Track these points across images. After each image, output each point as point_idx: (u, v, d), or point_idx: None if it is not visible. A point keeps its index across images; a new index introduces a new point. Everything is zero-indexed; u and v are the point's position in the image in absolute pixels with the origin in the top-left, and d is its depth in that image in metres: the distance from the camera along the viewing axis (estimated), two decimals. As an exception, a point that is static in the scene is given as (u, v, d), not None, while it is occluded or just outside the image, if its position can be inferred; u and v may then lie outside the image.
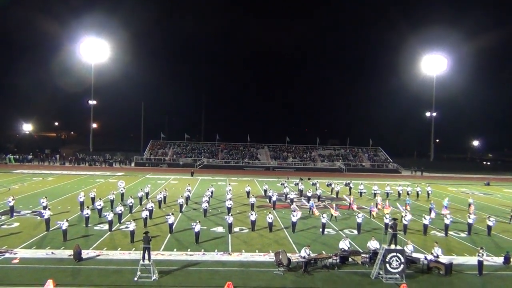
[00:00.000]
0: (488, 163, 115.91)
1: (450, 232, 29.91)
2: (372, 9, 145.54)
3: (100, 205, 32.47)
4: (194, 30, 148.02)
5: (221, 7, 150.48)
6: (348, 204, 39.15)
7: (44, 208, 30.42)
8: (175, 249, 24.34)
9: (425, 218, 29.91)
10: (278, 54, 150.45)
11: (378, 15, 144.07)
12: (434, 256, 21.96)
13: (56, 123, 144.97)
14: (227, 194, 39.49)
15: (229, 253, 23.89)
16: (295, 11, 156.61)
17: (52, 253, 22.95)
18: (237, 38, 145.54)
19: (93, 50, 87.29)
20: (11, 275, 19.66)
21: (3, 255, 22.39)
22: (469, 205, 38.69)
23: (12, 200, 32.13)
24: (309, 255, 21.77)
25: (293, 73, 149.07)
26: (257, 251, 24.49)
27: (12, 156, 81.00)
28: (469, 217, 30.87)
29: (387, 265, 20.08)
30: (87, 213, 29.39)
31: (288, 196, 42.38)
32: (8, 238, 25.69)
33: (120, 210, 30.61)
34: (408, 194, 46.25)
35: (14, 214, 31.65)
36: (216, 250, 24.28)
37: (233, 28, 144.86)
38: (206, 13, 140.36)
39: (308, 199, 41.26)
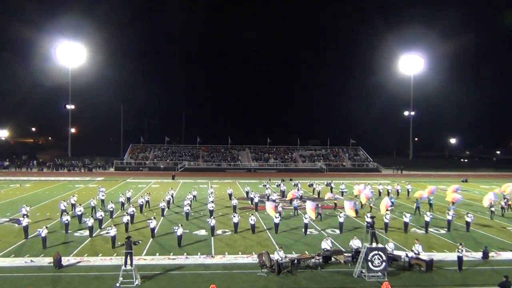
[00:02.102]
0: (465, 160, 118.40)
1: (430, 229, 30.35)
2: (349, 9, 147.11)
3: (80, 211, 31.98)
4: (172, 31, 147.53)
5: (198, 6, 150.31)
6: (334, 204, 39.32)
7: (24, 216, 29.79)
8: (157, 254, 24.13)
9: (405, 216, 30.28)
10: (258, 55, 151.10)
11: (356, 15, 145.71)
12: (415, 253, 22.25)
13: (33, 129, 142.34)
14: (209, 196, 39.33)
15: (212, 256, 23.80)
16: (272, 12, 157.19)
17: (31, 261, 22.49)
18: (216, 39, 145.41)
19: (69, 54, 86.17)
20: (-11, 284, 19.21)
21: (-20, 264, 21.86)
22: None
23: None
24: (285, 257, 21.76)
25: (273, 74, 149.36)
26: (240, 253, 24.45)
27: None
28: (448, 213, 31.40)
29: (369, 263, 20.26)
30: (67, 220, 28.91)
31: (270, 197, 42.40)
32: (-15, 247, 25.11)
33: (101, 216, 30.21)
34: (388, 192, 46.83)
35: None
36: (199, 253, 24.16)
37: (211, 28, 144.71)
38: (184, 14, 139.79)
39: (290, 200, 41.40)
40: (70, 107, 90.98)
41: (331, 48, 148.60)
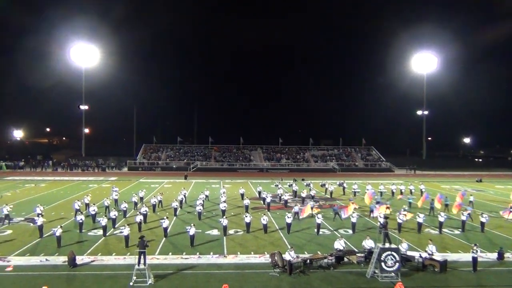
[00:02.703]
0: (480, 160, 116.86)
1: (444, 230, 30.07)
2: (362, 7, 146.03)
3: (94, 210, 32.31)
4: (185, 32, 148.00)
5: (211, 8, 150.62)
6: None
7: (39, 215, 30.19)
8: (170, 253, 24.27)
9: (419, 216, 30.04)
10: (270, 54, 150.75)
11: (368, 13, 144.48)
12: (429, 254, 22.07)
13: (48, 129, 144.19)
14: (221, 196, 39.42)
15: (224, 256, 23.86)
16: (285, 10, 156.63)
17: (46, 260, 22.79)
18: (228, 39, 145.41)
19: (83, 55, 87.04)
20: (5, 283, 19.49)
21: (-3, 263, 22.21)
22: (470, 202, 39.13)
23: (9, 208, 31.96)
24: (297, 257, 21.73)
25: (285, 74, 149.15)
26: (252, 253, 24.47)
27: (3, 163, 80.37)
28: (462, 214, 31.05)
29: (382, 263, 20.14)
30: (81, 219, 29.23)
31: (282, 197, 42.38)
32: (1, 245, 25.48)
33: (114, 215, 30.50)
34: (401, 192, 46.52)
35: (6, 221, 31.35)
36: (211, 253, 24.24)
37: (223, 29, 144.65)
38: (196, 15, 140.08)
39: (303, 200, 41.36)
40: (83, 107, 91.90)
41: (344, 47, 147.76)
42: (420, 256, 22.23)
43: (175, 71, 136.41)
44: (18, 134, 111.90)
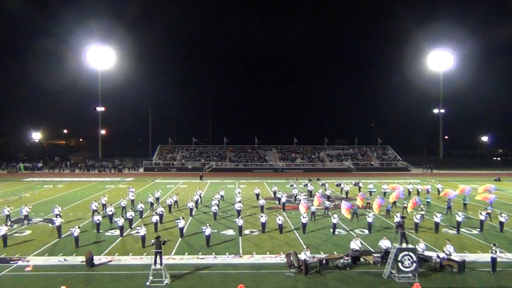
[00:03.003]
0: (498, 158, 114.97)
1: (462, 230, 29.68)
2: (377, 5, 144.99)
3: (111, 211, 32.67)
4: (199, 33, 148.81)
5: (226, 9, 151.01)
6: (367, 204, 38.62)
7: (57, 216, 30.66)
8: (186, 253, 24.40)
9: (436, 216, 29.69)
10: (283, 54, 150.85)
11: (384, 11, 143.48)
12: (447, 254, 21.79)
13: (65, 131, 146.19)
14: (237, 196, 39.48)
15: (240, 256, 23.90)
16: (298, 10, 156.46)
17: (65, 259, 23.11)
18: (243, 40, 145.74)
19: (99, 57, 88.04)
20: (24, 282, 19.81)
21: (16, 263, 22.57)
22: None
23: (28, 209, 32.51)
24: (313, 257, 21.64)
25: (299, 73, 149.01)
26: (268, 253, 24.47)
27: (22, 165, 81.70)
28: (481, 213, 30.59)
29: (399, 264, 19.96)
30: (98, 219, 29.58)
31: (297, 197, 42.31)
32: (20, 246, 25.91)
33: (131, 216, 30.82)
34: (418, 192, 46.05)
35: (25, 222, 31.88)
36: (227, 253, 24.30)
37: (238, 30, 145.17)
38: (210, 17, 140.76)
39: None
40: (100, 109, 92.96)
41: (358, 46, 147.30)
42: (438, 256, 21.96)
43: (190, 72, 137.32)
44: (36, 136, 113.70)
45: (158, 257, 20.32)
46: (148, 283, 19.44)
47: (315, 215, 33.42)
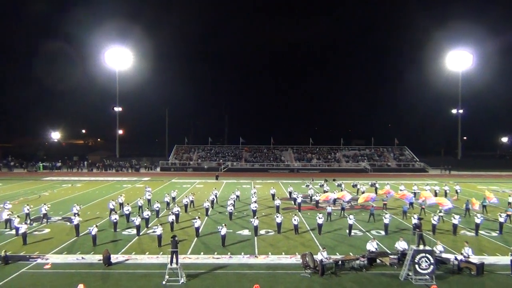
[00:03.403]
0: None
1: (480, 232, 29.25)
2: (395, 4, 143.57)
3: (128, 210, 33.00)
4: (216, 34, 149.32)
5: (242, 9, 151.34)
6: (384, 205, 38.35)
7: (75, 214, 31.11)
8: (202, 253, 24.53)
9: (454, 218, 29.30)
10: (300, 54, 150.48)
11: (402, 10, 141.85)
12: (465, 256, 21.49)
13: (83, 131, 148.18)
14: (252, 197, 39.49)
15: (255, 256, 23.94)
16: (315, 9, 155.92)
17: (83, 258, 23.45)
18: (259, 40, 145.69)
19: (117, 58, 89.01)
20: (43, 280, 20.16)
21: (35, 260, 22.98)
22: (509, 203, 37.90)
23: (47, 207, 33.06)
24: (329, 258, 21.55)
25: (315, 73, 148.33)
26: (283, 253, 24.45)
27: (42, 164, 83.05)
28: (500, 215, 30.08)
29: (416, 266, 19.76)
30: (115, 218, 29.90)
31: (313, 197, 42.18)
32: (39, 244, 26.36)
33: (147, 215, 31.09)
34: (436, 193, 45.51)
35: (44, 220, 32.42)
36: (242, 253, 24.35)
37: (254, 30, 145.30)
38: (226, 17, 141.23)
39: (334, 200, 41.01)
40: (117, 109, 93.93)
41: (375, 45, 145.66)
42: (456, 259, 21.69)
43: (206, 72, 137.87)
44: (55, 135, 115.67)
45: (174, 256, 20.47)
46: (164, 282, 19.60)
47: (331, 216, 33.27)
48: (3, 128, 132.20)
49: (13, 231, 28.48)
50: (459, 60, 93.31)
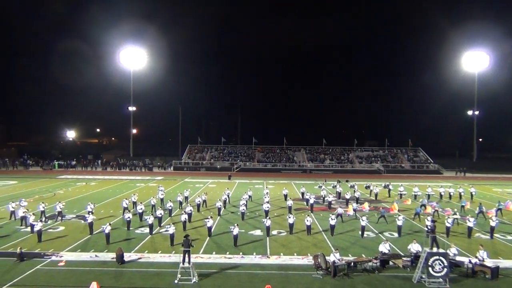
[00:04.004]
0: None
1: (496, 235, 28.84)
2: (411, 4, 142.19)
3: (141, 209, 33.24)
4: (228, 34, 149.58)
5: (256, 9, 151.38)
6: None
7: (89, 212, 31.43)
8: (214, 252, 24.60)
9: (469, 221, 28.94)
10: (314, 55, 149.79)
11: (417, 10, 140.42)
12: (479, 260, 21.22)
13: (98, 130, 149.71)
14: (265, 197, 39.44)
15: (267, 256, 23.93)
16: (330, 9, 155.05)
17: (96, 256, 23.67)
18: (272, 40, 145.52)
19: (132, 58, 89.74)
20: (57, 277, 20.40)
21: (50, 258, 23.26)
22: None
23: (62, 205, 33.49)
24: (339, 259, 21.44)
25: (329, 73, 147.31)
26: (295, 254, 24.40)
27: (57, 163, 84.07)
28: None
29: (430, 268, 19.57)
30: (129, 217, 30.14)
31: (326, 198, 42.03)
32: (54, 241, 26.68)
33: (160, 214, 31.29)
34: (450, 195, 45.05)
35: (59, 218, 32.81)
36: (254, 253, 24.36)
37: (267, 30, 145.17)
38: (241, 16, 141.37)
39: (347, 201, 40.85)
40: (132, 109, 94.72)
41: (389, 46, 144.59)
42: (470, 262, 21.41)
43: (220, 72, 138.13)
44: (70, 134, 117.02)
45: (186, 255, 20.56)
46: (176, 281, 19.70)
47: (342, 217, 33.07)
48: (19, 127, 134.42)
49: (29, 228, 28.92)
50: (475, 60, 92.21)
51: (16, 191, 48.79)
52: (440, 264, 19.55)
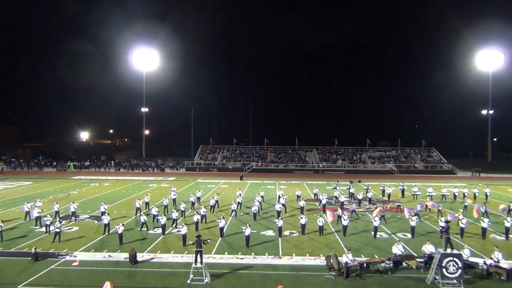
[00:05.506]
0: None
1: (511, 236, 28.43)
2: (424, 3, 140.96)
3: (156, 211, 33.34)
4: (241, 35, 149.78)
5: (268, 9, 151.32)
6: (397, 206, 37.85)
7: (103, 213, 31.66)
8: (226, 253, 24.65)
9: (483, 221, 28.60)
10: (325, 55, 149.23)
11: (431, 9, 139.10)
12: (494, 261, 20.95)
13: (111, 131, 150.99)
14: (281, 198, 38.88)
15: (279, 257, 23.91)
16: (341, 9, 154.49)
17: (109, 256, 23.88)
18: (284, 40, 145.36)
19: (144, 59, 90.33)
20: (71, 277, 20.62)
21: (64, 258, 23.52)
22: None
23: (76, 206, 33.87)
24: (352, 260, 21.32)
25: (341, 73, 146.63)
26: (307, 254, 24.35)
27: (71, 163, 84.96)
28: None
29: (444, 270, 19.38)
30: (145, 219, 30.26)
31: (338, 199, 41.85)
32: (68, 241, 26.96)
33: (176, 216, 31.40)
34: (464, 195, 44.57)
35: (73, 218, 33.16)
36: (266, 254, 24.36)
37: (279, 30, 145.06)
38: (253, 17, 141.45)
39: (359, 202, 40.64)
40: (144, 110, 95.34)
41: (402, 44, 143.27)
42: (485, 263, 21.16)
43: (231, 73, 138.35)
44: (84, 135, 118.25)
45: (198, 256, 20.64)
46: (189, 281, 19.78)
47: (340, 217, 32.44)
48: (34, 128, 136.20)
49: (43, 229, 29.28)
50: (489, 59, 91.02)
51: (31, 192, 49.44)
52: (454, 265, 19.35)
